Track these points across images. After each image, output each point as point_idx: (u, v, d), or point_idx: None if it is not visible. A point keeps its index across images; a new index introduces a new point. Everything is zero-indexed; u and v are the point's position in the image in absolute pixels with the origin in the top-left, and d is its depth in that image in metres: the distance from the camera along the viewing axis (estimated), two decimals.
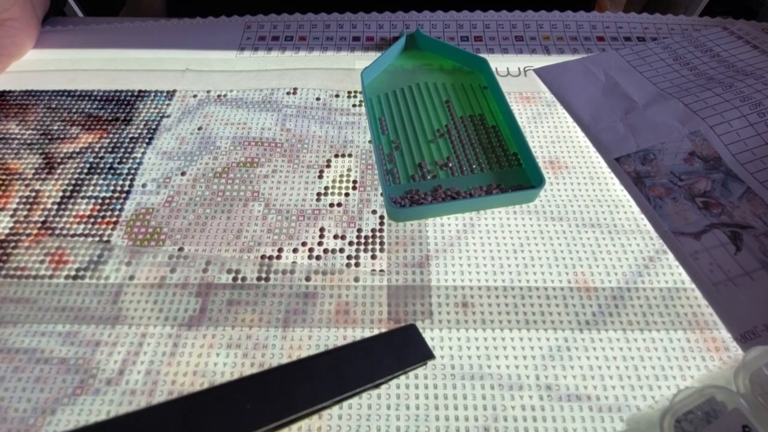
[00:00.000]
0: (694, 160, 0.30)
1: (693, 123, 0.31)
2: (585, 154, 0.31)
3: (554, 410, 0.21)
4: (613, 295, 0.25)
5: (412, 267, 0.26)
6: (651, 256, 0.26)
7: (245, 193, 0.29)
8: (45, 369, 0.22)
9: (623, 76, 0.35)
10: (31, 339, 0.23)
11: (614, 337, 0.24)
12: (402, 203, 0.28)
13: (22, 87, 0.35)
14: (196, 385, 0.22)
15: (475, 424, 0.21)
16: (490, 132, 0.32)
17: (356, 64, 0.37)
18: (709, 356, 0.23)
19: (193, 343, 0.23)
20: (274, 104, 0.34)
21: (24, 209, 0.28)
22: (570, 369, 0.23)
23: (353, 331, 0.24)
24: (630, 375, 0.22)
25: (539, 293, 0.25)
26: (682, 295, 0.25)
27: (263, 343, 0.23)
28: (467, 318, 0.24)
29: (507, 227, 0.28)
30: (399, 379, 0.22)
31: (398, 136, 0.32)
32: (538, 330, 0.24)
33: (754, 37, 0.38)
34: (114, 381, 0.22)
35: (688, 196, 0.28)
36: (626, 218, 0.28)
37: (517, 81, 0.36)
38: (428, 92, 0.34)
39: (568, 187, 0.29)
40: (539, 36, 0.40)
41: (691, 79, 0.35)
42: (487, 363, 0.23)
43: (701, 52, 0.37)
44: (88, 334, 0.24)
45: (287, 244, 0.27)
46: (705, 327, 0.24)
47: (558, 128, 0.33)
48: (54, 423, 0.21)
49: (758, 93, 0.32)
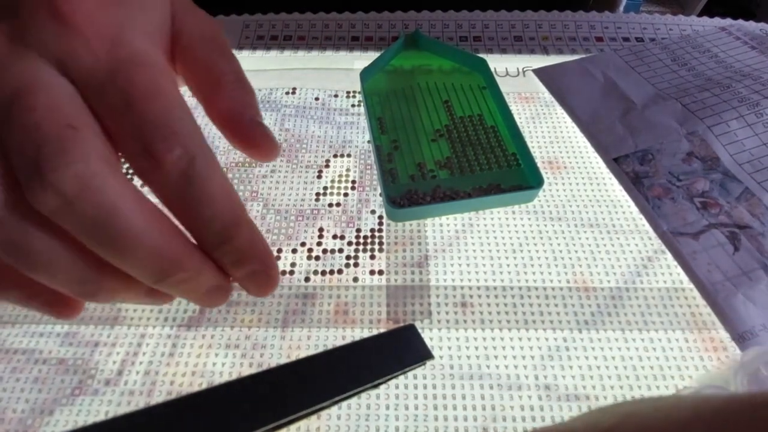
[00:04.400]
0: (692, 160, 0.30)
1: (691, 123, 0.31)
2: (584, 155, 0.31)
3: (553, 410, 0.21)
4: (612, 295, 0.25)
5: (411, 267, 0.26)
6: (649, 256, 0.26)
7: (244, 193, 0.29)
8: (43, 369, 0.22)
9: (622, 76, 0.35)
10: (29, 339, 0.23)
11: (613, 337, 0.24)
12: (401, 203, 0.28)
13: None
14: (195, 385, 0.22)
15: (474, 424, 0.21)
16: (489, 132, 0.32)
17: (355, 64, 0.37)
18: (708, 356, 0.23)
19: (192, 343, 0.23)
20: (273, 104, 0.34)
21: None
22: (569, 369, 0.23)
23: (352, 331, 0.24)
24: (628, 375, 0.22)
25: (538, 293, 0.25)
26: (680, 295, 0.25)
27: (262, 343, 0.23)
28: (466, 318, 0.24)
29: (506, 227, 0.28)
30: (398, 379, 0.22)
31: (398, 136, 0.32)
32: (537, 330, 0.24)
33: (752, 38, 0.38)
34: (113, 381, 0.22)
35: (686, 197, 0.29)
36: (625, 218, 0.28)
37: (516, 81, 0.36)
38: (427, 92, 0.34)
39: (566, 187, 0.29)
40: (538, 36, 0.40)
41: (689, 80, 0.35)
42: (486, 363, 0.23)
43: (699, 52, 0.37)
44: (86, 335, 0.24)
45: (286, 245, 0.27)
46: (703, 327, 0.24)
47: (557, 128, 0.33)
48: (52, 423, 0.21)
49: (756, 94, 0.32)
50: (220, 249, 0.16)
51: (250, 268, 0.17)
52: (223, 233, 0.16)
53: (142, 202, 0.15)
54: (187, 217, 0.16)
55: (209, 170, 0.15)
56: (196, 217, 0.15)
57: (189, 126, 0.15)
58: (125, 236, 0.14)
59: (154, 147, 0.14)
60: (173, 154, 0.15)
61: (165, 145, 0.14)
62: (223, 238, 0.16)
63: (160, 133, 0.15)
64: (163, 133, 0.15)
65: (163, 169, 0.15)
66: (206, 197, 0.15)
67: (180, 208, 0.15)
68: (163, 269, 0.15)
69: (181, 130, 0.15)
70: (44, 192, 0.13)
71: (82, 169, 0.14)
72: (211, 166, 0.15)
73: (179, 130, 0.15)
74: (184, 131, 0.15)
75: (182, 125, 0.15)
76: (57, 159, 0.13)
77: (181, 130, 0.15)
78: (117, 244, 0.14)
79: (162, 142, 0.14)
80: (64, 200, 0.13)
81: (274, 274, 0.18)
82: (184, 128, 0.15)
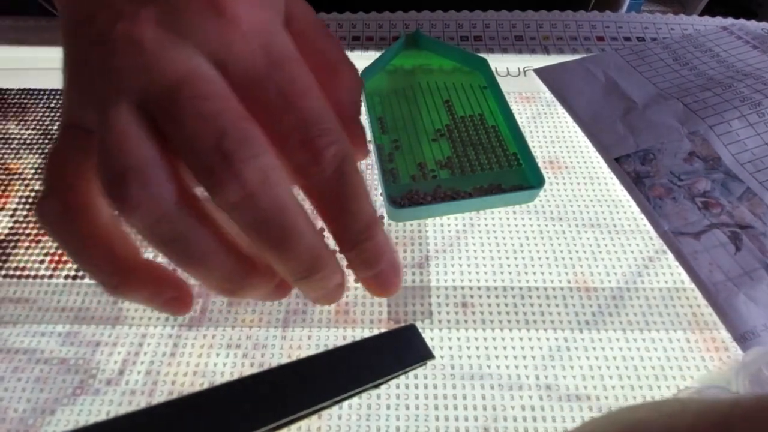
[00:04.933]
0: (693, 160, 0.30)
1: (693, 123, 0.31)
2: (585, 154, 0.31)
3: (554, 410, 0.21)
4: (613, 295, 0.25)
5: (412, 267, 0.26)
6: (651, 256, 0.26)
7: None
8: (45, 369, 0.22)
9: (623, 76, 0.35)
10: (30, 339, 0.23)
11: (614, 337, 0.24)
12: (402, 203, 0.28)
13: (20, 85, 0.35)
14: (196, 385, 0.22)
15: (475, 424, 0.21)
16: (489, 132, 0.32)
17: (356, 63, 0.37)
18: (709, 356, 0.23)
19: (193, 343, 0.23)
20: None
21: (24, 209, 0.28)
22: (570, 369, 0.23)
23: (353, 331, 0.24)
24: (630, 375, 0.22)
25: (539, 293, 0.25)
26: (681, 295, 0.25)
27: (263, 343, 0.23)
28: (467, 318, 0.24)
29: (507, 227, 0.28)
30: (399, 379, 0.22)
31: (398, 135, 0.32)
32: (537, 330, 0.24)
33: (753, 37, 0.38)
34: (114, 381, 0.22)
35: (687, 196, 0.28)
36: (626, 218, 0.28)
37: (517, 81, 0.36)
38: (428, 92, 0.34)
39: (567, 187, 0.29)
40: (539, 36, 0.40)
41: (691, 79, 0.35)
42: (487, 363, 0.23)
43: (701, 52, 0.37)
44: (88, 335, 0.24)
45: None
46: (705, 327, 0.24)
47: (558, 128, 0.33)
48: (54, 423, 0.21)
49: (758, 93, 0.32)
50: (358, 247, 0.16)
51: (379, 268, 0.17)
52: (364, 231, 0.16)
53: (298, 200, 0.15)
54: (335, 212, 0.16)
55: (356, 169, 0.16)
56: (344, 213, 0.16)
57: (337, 123, 0.16)
58: (292, 232, 0.15)
59: (315, 143, 0.15)
60: (330, 150, 0.15)
61: (323, 141, 0.15)
62: (362, 236, 0.16)
63: (319, 129, 0.15)
64: (321, 129, 0.15)
65: (320, 164, 0.15)
66: (354, 195, 0.15)
67: (330, 204, 0.16)
68: (313, 266, 0.16)
69: (335, 127, 0.15)
70: (229, 183, 0.13)
71: (265, 162, 0.14)
72: (356, 166, 0.16)
73: (334, 127, 0.15)
74: (337, 128, 0.15)
75: (334, 123, 0.15)
76: (243, 150, 0.13)
77: (335, 127, 0.15)
78: (283, 240, 0.15)
79: (320, 138, 0.15)
80: (246, 192, 0.13)
81: (400, 275, 0.18)
82: (335, 125, 0.15)
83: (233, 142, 0.13)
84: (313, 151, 0.15)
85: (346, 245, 0.16)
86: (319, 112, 0.15)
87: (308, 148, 0.15)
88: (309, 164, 0.15)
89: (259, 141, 0.14)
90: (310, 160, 0.15)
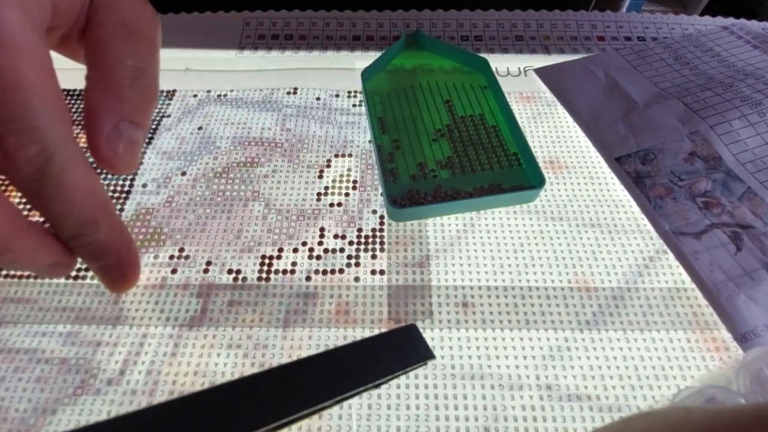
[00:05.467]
0: (694, 159, 0.30)
1: (693, 123, 0.31)
2: (585, 154, 0.31)
3: (554, 410, 0.21)
4: (614, 295, 0.25)
5: (413, 267, 0.26)
6: (651, 256, 0.26)
7: (245, 193, 0.29)
8: (46, 369, 0.22)
9: (623, 75, 0.35)
10: (31, 339, 0.23)
11: (614, 337, 0.24)
12: (402, 203, 0.28)
13: None
14: (196, 385, 0.22)
15: (476, 424, 0.21)
16: (490, 132, 0.32)
17: (356, 63, 0.37)
18: (710, 356, 0.23)
19: (194, 343, 0.23)
20: (275, 104, 0.34)
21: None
22: (570, 369, 0.23)
23: (353, 331, 0.24)
24: (630, 375, 0.22)
25: (539, 293, 0.25)
26: (682, 295, 0.25)
27: (264, 343, 0.23)
28: (467, 318, 0.24)
29: (507, 227, 0.28)
30: (399, 379, 0.22)
31: (399, 135, 0.32)
32: (538, 330, 0.24)
33: (754, 36, 0.38)
34: (115, 381, 0.22)
35: (688, 196, 0.28)
36: (626, 218, 0.28)
37: (517, 81, 0.36)
38: (429, 92, 0.34)
39: (568, 187, 0.29)
40: (539, 36, 0.40)
41: (692, 79, 0.35)
42: (488, 363, 0.23)
43: (701, 51, 0.37)
44: (89, 335, 0.24)
45: (287, 244, 0.27)
46: (705, 327, 0.24)
47: (558, 128, 0.33)
48: (54, 423, 0.21)
49: (758, 93, 0.32)
50: (72, 242, 0.16)
51: (102, 262, 0.17)
52: (75, 230, 0.16)
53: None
54: (42, 212, 0.15)
55: (68, 169, 0.15)
56: (48, 213, 0.15)
57: (51, 120, 0.14)
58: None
59: (6, 141, 0.14)
60: (26, 151, 0.14)
61: (17, 141, 0.14)
62: (75, 234, 0.16)
63: (13, 128, 0.14)
64: (17, 128, 0.14)
65: (14, 164, 0.14)
66: (60, 196, 0.15)
67: (34, 204, 0.15)
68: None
69: (40, 124, 0.14)
70: None
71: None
72: (71, 164, 0.15)
73: (38, 125, 0.14)
74: (43, 126, 0.14)
75: (42, 119, 0.14)
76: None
77: (40, 124, 0.14)
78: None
79: (14, 137, 0.14)
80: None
81: (130, 275, 0.18)
82: (43, 123, 0.14)
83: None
84: (5, 150, 0.14)
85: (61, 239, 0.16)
86: (20, 108, 0.14)
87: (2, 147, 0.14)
88: (6, 162, 0.14)
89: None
90: (5, 158, 0.14)
